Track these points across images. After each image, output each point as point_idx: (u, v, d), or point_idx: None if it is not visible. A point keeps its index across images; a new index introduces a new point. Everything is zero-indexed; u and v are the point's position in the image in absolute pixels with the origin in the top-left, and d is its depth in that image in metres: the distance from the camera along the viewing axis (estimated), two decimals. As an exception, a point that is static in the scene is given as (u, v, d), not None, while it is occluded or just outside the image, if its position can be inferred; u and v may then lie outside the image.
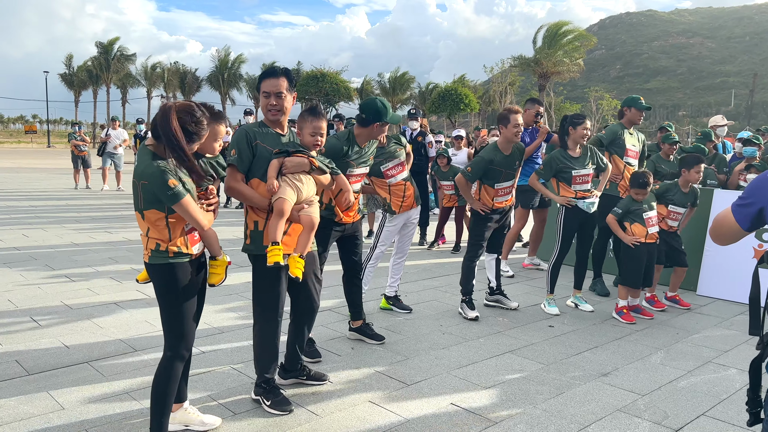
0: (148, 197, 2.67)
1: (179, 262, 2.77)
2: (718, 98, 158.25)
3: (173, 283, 2.77)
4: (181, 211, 2.67)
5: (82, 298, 5.45)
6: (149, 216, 2.72)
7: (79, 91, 59.78)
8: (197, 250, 2.86)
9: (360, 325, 4.59)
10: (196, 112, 2.72)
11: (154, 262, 2.77)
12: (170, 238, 2.74)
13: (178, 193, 2.62)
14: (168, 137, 2.61)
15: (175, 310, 2.81)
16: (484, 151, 5.24)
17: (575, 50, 44.07)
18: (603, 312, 5.59)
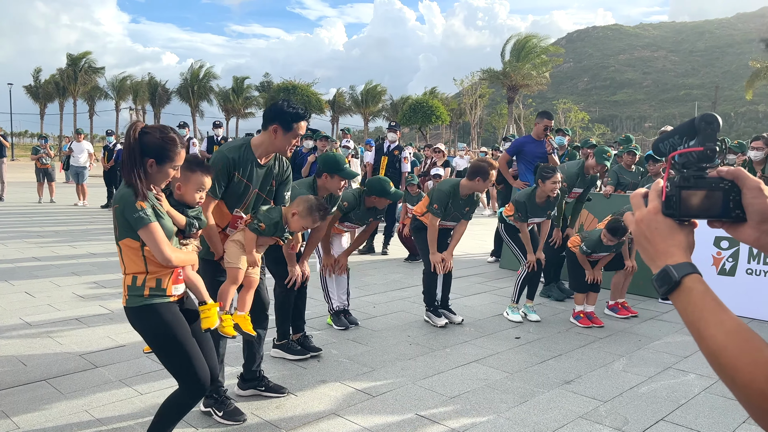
0: (121, 223, 2.54)
1: (159, 303, 2.61)
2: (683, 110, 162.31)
3: (160, 324, 2.60)
4: (146, 239, 2.51)
5: (42, 314, 5.33)
6: (125, 246, 2.58)
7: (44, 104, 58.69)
8: (178, 292, 2.70)
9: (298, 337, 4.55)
10: (167, 130, 2.59)
11: (131, 305, 2.61)
12: (146, 271, 2.60)
13: (143, 217, 2.48)
14: (127, 151, 2.54)
15: (174, 351, 2.63)
16: (449, 187, 5.26)
17: (543, 64, 44.87)
18: (567, 320, 5.67)
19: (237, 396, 3.68)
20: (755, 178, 0.93)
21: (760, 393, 0.80)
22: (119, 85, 58.85)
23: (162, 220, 2.59)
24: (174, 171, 2.64)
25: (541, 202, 5.57)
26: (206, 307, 2.86)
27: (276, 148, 3.36)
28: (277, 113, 3.29)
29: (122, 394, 3.69)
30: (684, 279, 0.91)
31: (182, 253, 2.71)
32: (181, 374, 2.67)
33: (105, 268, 7.34)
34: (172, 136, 2.58)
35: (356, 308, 5.61)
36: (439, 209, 5.20)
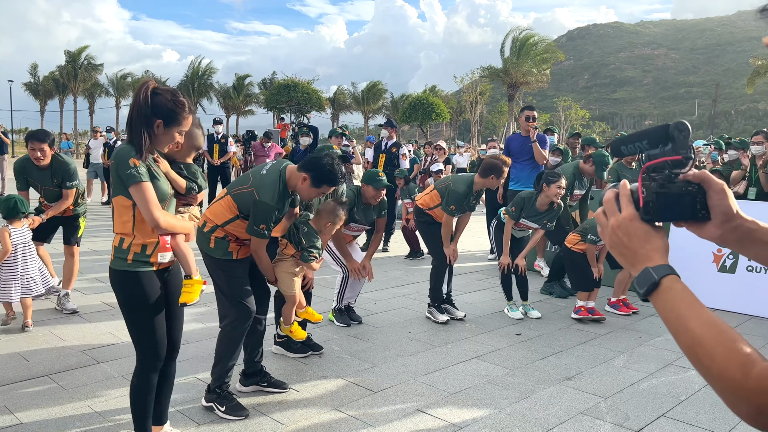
0: (115, 180, 2.52)
1: (142, 271, 2.61)
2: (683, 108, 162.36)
3: (136, 294, 2.62)
4: (136, 197, 2.49)
5: (44, 310, 5.34)
6: (117, 205, 2.57)
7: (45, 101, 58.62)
8: (164, 260, 2.68)
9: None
10: (178, 94, 2.61)
11: (115, 267, 2.62)
12: (133, 234, 2.58)
13: (135, 175, 2.46)
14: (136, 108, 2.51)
15: (141, 322, 2.67)
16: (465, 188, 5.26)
17: (543, 61, 44.80)
18: (568, 317, 5.67)
19: (239, 392, 3.69)
20: (720, 180, 1.01)
21: (733, 381, 0.84)
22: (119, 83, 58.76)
23: (157, 181, 2.58)
24: (179, 136, 2.63)
25: (542, 208, 5.54)
26: (191, 281, 2.85)
27: (304, 194, 3.47)
28: (318, 169, 3.34)
29: (124, 389, 3.70)
30: (663, 279, 0.96)
31: (173, 218, 2.69)
32: (141, 345, 2.73)
33: (106, 265, 7.32)
34: (182, 99, 2.60)
35: (357, 305, 5.61)
36: (456, 210, 5.24)
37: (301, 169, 3.35)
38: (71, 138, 31.54)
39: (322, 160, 3.36)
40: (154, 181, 2.56)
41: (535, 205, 5.54)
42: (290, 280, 3.73)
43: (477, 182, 5.29)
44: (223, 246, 3.37)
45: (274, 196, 3.26)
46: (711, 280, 6.09)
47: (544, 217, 5.59)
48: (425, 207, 5.49)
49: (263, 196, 3.25)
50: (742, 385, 0.83)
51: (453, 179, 5.38)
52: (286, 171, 3.36)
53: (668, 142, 1.00)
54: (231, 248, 3.39)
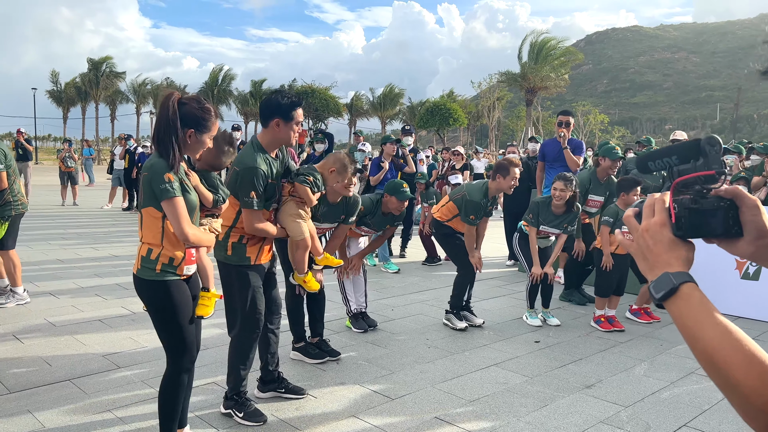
0: (147, 191, 2.59)
1: (171, 280, 2.67)
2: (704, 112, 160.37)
3: (168, 302, 2.68)
4: (168, 211, 2.56)
5: (66, 315, 5.42)
6: (147, 215, 2.63)
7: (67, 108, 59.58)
8: (190, 272, 2.76)
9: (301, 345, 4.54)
10: (202, 100, 2.68)
11: (143, 276, 2.67)
12: (162, 245, 2.64)
13: (169, 190, 2.53)
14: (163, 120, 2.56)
15: (175, 327, 2.73)
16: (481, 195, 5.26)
17: (562, 65, 44.56)
18: (587, 324, 5.62)
19: (257, 398, 3.71)
20: (753, 196, 0.99)
21: (753, 390, 0.82)
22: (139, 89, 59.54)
23: (188, 194, 2.65)
24: (209, 140, 2.72)
25: (558, 211, 5.51)
26: (208, 294, 2.93)
27: (282, 141, 3.39)
28: (274, 107, 3.31)
29: (144, 394, 3.74)
30: (682, 285, 0.95)
31: (200, 232, 2.75)
32: (172, 350, 2.79)
33: (127, 271, 7.44)
34: (208, 106, 2.68)
35: (374, 311, 5.62)
36: (476, 219, 5.25)
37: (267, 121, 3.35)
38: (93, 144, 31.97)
39: (273, 96, 3.36)
40: (185, 194, 2.63)
41: (550, 208, 5.51)
42: (295, 224, 3.50)
43: (491, 187, 5.30)
44: (240, 251, 3.38)
45: (252, 159, 3.25)
46: (734, 287, 6.00)
47: (563, 221, 5.55)
48: (444, 219, 5.48)
49: (242, 164, 3.26)
50: (760, 394, 0.82)
51: (467, 189, 5.38)
52: (255, 137, 3.42)
53: (699, 156, 0.99)
54: (248, 252, 3.39)
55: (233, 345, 3.47)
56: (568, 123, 7.11)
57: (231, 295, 3.44)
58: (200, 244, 2.73)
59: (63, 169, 15.39)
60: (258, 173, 3.23)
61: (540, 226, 5.55)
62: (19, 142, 14.96)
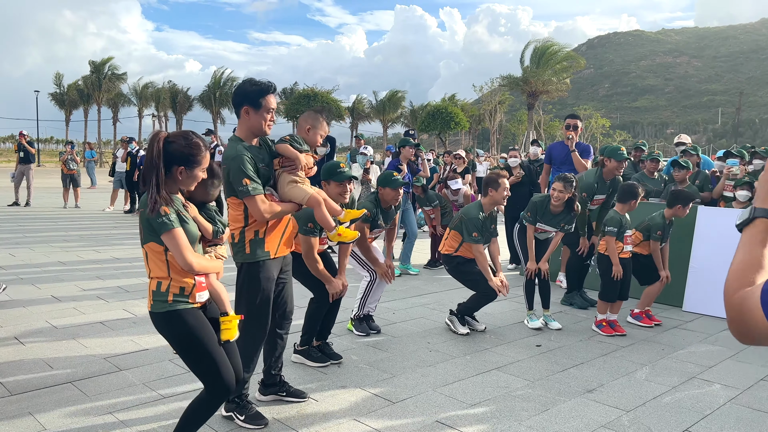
0: (146, 227, 2.60)
1: (184, 309, 2.66)
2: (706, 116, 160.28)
3: (186, 330, 2.65)
4: (169, 244, 2.56)
5: (68, 318, 5.42)
6: (150, 250, 2.63)
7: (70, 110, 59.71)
8: (202, 299, 2.74)
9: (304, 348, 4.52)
10: (190, 136, 2.67)
11: (156, 310, 2.65)
12: (169, 276, 2.64)
13: (166, 222, 2.53)
14: (147, 160, 2.58)
15: (200, 355, 2.68)
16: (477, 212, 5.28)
17: (564, 70, 44.60)
18: (589, 328, 5.61)
19: (258, 401, 3.70)
20: None
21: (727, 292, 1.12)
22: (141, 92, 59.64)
23: (186, 225, 2.64)
24: (202, 173, 2.72)
25: (556, 210, 5.53)
26: (227, 318, 2.87)
27: (254, 129, 3.29)
28: (242, 95, 3.25)
29: (146, 397, 3.74)
30: (756, 219, 1.17)
31: (205, 260, 2.75)
32: (206, 377, 2.72)
33: (129, 273, 7.44)
34: (196, 141, 2.67)
35: (376, 314, 5.61)
36: (480, 236, 5.23)
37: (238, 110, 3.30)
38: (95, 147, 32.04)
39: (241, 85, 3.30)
40: (184, 225, 2.63)
41: (548, 208, 5.53)
42: (295, 188, 3.39)
43: (484, 203, 5.33)
44: (259, 246, 3.32)
45: (233, 150, 3.21)
46: None
47: (560, 221, 5.59)
48: (452, 250, 5.46)
49: (227, 158, 3.22)
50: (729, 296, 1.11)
51: (462, 212, 5.42)
52: (236, 134, 3.36)
53: None
54: (267, 246, 3.34)
55: (238, 347, 3.46)
56: (575, 126, 7.11)
57: (245, 301, 3.38)
58: (207, 271, 2.74)
59: (65, 172, 15.42)
60: (242, 158, 3.17)
61: (537, 224, 5.58)
62: (21, 145, 14.99)
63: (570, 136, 7.02)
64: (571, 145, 6.99)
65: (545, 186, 7.40)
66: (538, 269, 5.57)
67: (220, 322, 2.87)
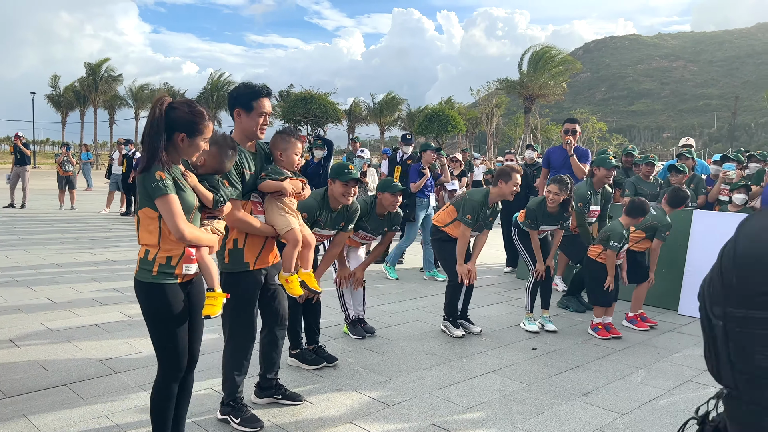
0: (141, 192, 2.58)
1: (167, 283, 2.65)
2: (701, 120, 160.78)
3: (161, 306, 2.65)
4: (162, 209, 2.54)
5: (63, 320, 5.41)
6: (143, 216, 2.62)
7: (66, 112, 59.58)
8: (189, 272, 2.71)
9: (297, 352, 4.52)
10: (193, 104, 2.65)
11: (140, 278, 2.65)
12: (159, 246, 2.62)
13: (160, 187, 2.51)
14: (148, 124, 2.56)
15: (165, 333, 2.71)
16: (481, 197, 5.29)
17: (560, 74, 44.72)
18: (585, 332, 5.62)
19: (254, 403, 3.70)
20: None
21: None
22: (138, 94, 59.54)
23: (183, 193, 2.62)
24: (204, 143, 2.70)
25: (553, 211, 5.55)
26: (213, 294, 2.87)
27: (247, 132, 3.26)
28: (235, 97, 3.22)
29: (141, 399, 3.73)
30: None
31: (199, 231, 2.72)
32: (163, 355, 2.76)
33: (125, 275, 7.43)
34: (199, 109, 2.66)
35: (372, 317, 5.61)
36: (472, 219, 5.22)
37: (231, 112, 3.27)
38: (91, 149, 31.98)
39: (236, 88, 3.28)
40: (180, 193, 2.60)
41: (545, 210, 5.55)
42: (280, 217, 3.34)
43: (492, 192, 5.31)
44: (237, 256, 3.33)
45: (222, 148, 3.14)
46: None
47: (558, 218, 5.62)
48: (441, 224, 5.48)
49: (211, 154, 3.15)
50: None
51: (468, 193, 5.40)
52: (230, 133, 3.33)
53: None
54: (246, 257, 3.34)
55: (227, 352, 3.46)
56: (574, 131, 7.13)
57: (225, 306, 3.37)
58: (199, 242, 2.70)
59: (61, 174, 15.39)
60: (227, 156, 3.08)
61: (539, 227, 5.59)
62: (17, 147, 14.96)
63: (569, 141, 7.03)
64: (570, 149, 7.00)
65: (542, 190, 7.42)
66: (546, 267, 5.59)
67: (205, 296, 2.87)
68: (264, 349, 3.67)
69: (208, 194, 2.85)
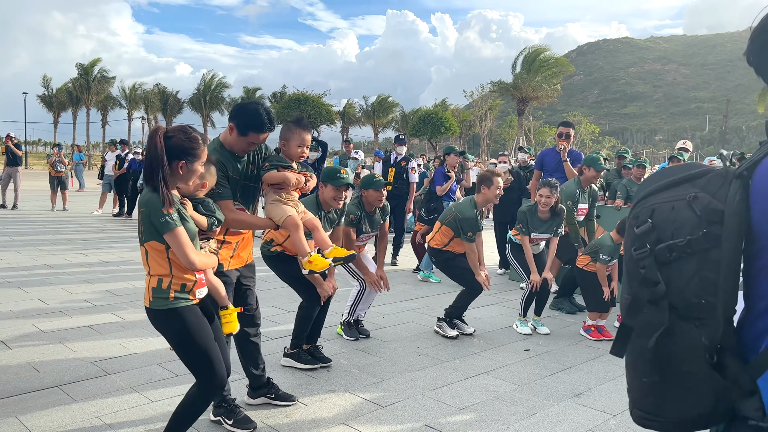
0: (147, 226, 2.61)
1: (185, 306, 2.68)
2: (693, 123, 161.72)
3: (186, 327, 2.68)
4: (172, 243, 2.59)
5: (55, 322, 5.38)
6: (150, 248, 2.65)
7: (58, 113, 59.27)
8: (201, 296, 2.78)
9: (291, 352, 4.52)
10: (188, 129, 2.69)
11: (156, 307, 2.67)
12: (171, 274, 2.66)
13: (169, 222, 2.55)
14: (150, 157, 2.58)
15: (195, 349, 2.72)
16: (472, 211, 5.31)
17: (554, 76, 44.89)
18: (577, 333, 5.65)
19: (247, 404, 3.70)
20: None
21: None
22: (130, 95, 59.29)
23: (187, 223, 2.67)
24: (201, 167, 2.73)
25: (544, 216, 5.57)
26: (227, 312, 2.93)
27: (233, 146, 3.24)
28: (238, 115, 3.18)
29: (133, 401, 3.73)
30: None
31: (204, 256, 2.77)
32: (201, 372, 2.77)
33: (117, 277, 7.41)
34: (194, 135, 2.69)
35: (365, 319, 5.62)
36: (473, 235, 5.28)
37: (229, 120, 3.24)
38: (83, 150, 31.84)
39: (248, 105, 3.23)
40: (185, 224, 2.65)
41: (537, 215, 5.57)
42: (276, 207, 3.31)
43: (478, 200, 5.37)
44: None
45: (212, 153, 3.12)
46: None
47: (551, 225, 5.63)
48: (441, 245, 5.49)
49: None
50: None
51: (456, 209, 5.41)
52: (220, 135, 3.32)
53: None
54: (221, 259, 3.30)
55: None
56: (568, 135, 7.14)
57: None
58: (206, 267, 2.78)
59: (53, 174, 15.31)
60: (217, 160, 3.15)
61: (531, 234, 5.59)
62: (8, 147, 14.88)
63: (562, 147, 7.06)
64: (563, 154, 7.03)
65: (535, 192, 7.44)
66: (544, 279, 5.57)
67: (220, 315, 2.92)
68: (241, 348, 3.67)
69: (202, 219, 2.88)
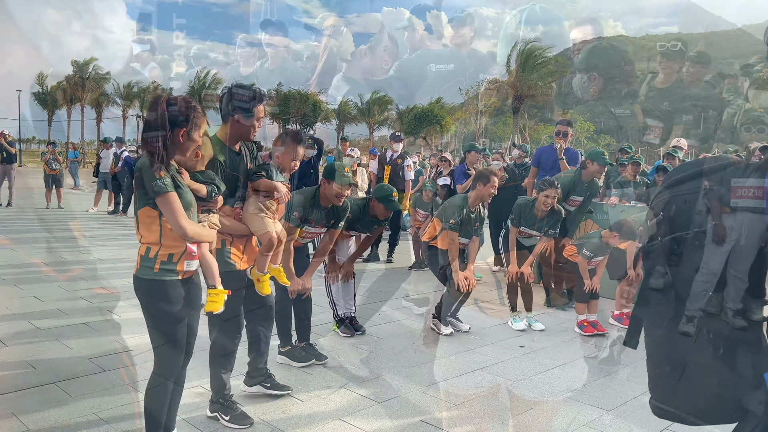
0: (140, 191, 2.60)
1: (168, 280, 2.67)
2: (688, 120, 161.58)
3: (162, 303, 2.68)
4: (163, 208, 2.57)
5: (51, 319, 5.38)
6: (143, 215, 2.64)
7: (52, 110, 58.99)
8: (191, 268, 2.75)
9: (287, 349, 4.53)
10: (189, 99, 2.71)
11: (141, 275, 2.67)
12: (160, 243, 2.65)
13: (161, 186, 2.54)
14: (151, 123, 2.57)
15: (164, 329, 2.73)
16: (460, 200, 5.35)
17: (550, 74, 44.92)
18: (571, 329, 5.68)
19: (242, 392, 3.72)
20: None
21: None
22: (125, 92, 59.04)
23: (181, 190, 2.65)
24: (199, 138, 2.73)
25: (539, 214, 5.58)
26: (215, 291, 2.91)
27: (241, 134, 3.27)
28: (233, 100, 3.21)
29: (129, 397, 3.73)
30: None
31: (199, 227, 2.75)
32: (161, 351, 2.78)
33: (113, 274, 7.40)
34: (195, 104, 2.70)
35: (361, 315, 5.63)
36: (456, 223, 5.26)
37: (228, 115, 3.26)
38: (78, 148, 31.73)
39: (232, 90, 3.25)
40: (179, 191, 2.63)
41: (532, 212, 5.59)
42: (258, 218, 3.32)
43: (470, 196, 5.39)
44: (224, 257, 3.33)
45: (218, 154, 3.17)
46: None
47: (543, 225, 5.63)
48: (431, 237, 5.52)
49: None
50: None
51: (448, 199, 5.48)
52: (218, 133, 3.32)
53: None
54: (233, 259, 3.36)
55: (213, 349, 3.48)
56: (565, 133, 7.12)
57: None
58: (200, 239, 2.75)
59: (47, 172, 15.24)
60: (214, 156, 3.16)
61: (521, 227, 5.62)
62: (2, 145, 14.81)
63: (559, 145, 7.06)
64: (560, 153, 7.03)
65: (532, 188, 7.46)
66: (521, 273, 5.61)
67: (208, 294, 2.90)
68: (252, 339, 3.71)
69: (201, 186, 2.86)
